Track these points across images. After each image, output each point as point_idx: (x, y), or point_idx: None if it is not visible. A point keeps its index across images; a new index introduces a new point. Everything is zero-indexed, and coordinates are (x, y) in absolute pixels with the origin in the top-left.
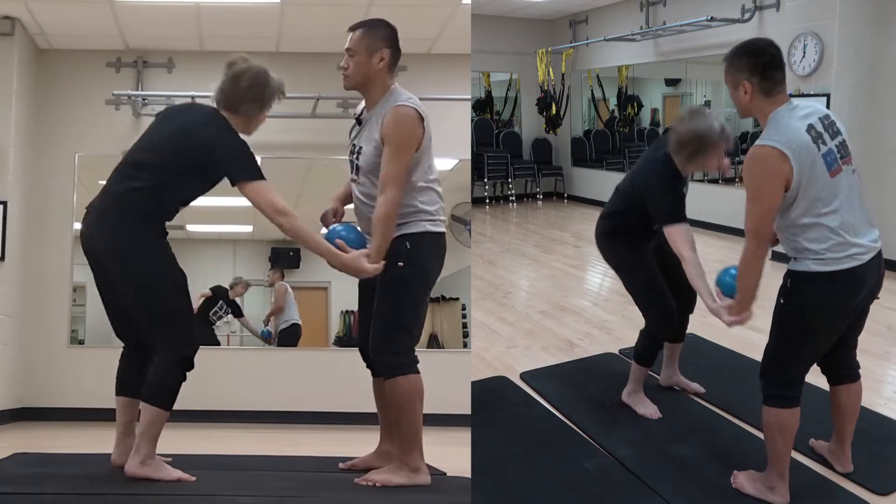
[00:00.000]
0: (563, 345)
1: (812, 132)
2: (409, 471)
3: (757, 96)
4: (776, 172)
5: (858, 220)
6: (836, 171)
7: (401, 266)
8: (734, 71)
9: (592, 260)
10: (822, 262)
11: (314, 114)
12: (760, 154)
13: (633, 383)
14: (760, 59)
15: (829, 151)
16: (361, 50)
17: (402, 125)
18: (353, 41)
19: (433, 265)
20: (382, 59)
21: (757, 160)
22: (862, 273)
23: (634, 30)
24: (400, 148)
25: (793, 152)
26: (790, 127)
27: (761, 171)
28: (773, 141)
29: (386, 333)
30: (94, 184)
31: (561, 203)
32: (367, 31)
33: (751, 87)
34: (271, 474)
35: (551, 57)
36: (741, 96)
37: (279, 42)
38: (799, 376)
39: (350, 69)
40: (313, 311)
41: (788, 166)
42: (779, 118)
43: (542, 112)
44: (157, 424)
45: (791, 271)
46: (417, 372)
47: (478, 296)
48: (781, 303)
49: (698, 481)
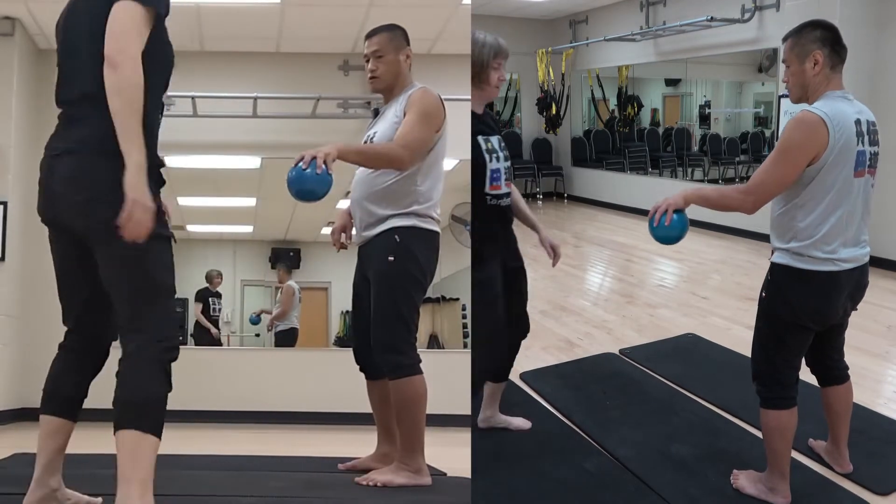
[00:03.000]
0: (563, 345)
1: (858, 127)
2: (410, 472)
3: (825, 69)
4: (808, 142)
5: (857, 231)
6: (860, 173)
7: (391, 260)
8: (804, 42)
9: (592, 260)
10: (801, 260)
11: (314, 114)
12: (802, 118)
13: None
14: (832, 33)
15: (863, 153)
16: (390, 50)
17: (430, 98)
18: (380, 43)
19: (425, 260)
20: (408, 56)
21: (796, 123)
22: (838, 279)
23: (634, 30)
24: (424, 113)
25: (834, 127)
26: (842, 109)
27: (797, 135)
28: (820, 110)
29: (388, 330)
30: None
31: (561, 203)
32: (392, 33)
33: (822, 58)
34: (271, 474)
35: (551, 57)
36: (808, 69)
37: (279, 42)
38: (792, 375)
39: (380, 70)
40: (313, 311)
41: (825, 136)
42: (834, 98)
43: (542, 112)
44: (149, 458)
45: (773, 264)
46: (421, 373)
47: None
48: (763, 296)
49: (698, 481)
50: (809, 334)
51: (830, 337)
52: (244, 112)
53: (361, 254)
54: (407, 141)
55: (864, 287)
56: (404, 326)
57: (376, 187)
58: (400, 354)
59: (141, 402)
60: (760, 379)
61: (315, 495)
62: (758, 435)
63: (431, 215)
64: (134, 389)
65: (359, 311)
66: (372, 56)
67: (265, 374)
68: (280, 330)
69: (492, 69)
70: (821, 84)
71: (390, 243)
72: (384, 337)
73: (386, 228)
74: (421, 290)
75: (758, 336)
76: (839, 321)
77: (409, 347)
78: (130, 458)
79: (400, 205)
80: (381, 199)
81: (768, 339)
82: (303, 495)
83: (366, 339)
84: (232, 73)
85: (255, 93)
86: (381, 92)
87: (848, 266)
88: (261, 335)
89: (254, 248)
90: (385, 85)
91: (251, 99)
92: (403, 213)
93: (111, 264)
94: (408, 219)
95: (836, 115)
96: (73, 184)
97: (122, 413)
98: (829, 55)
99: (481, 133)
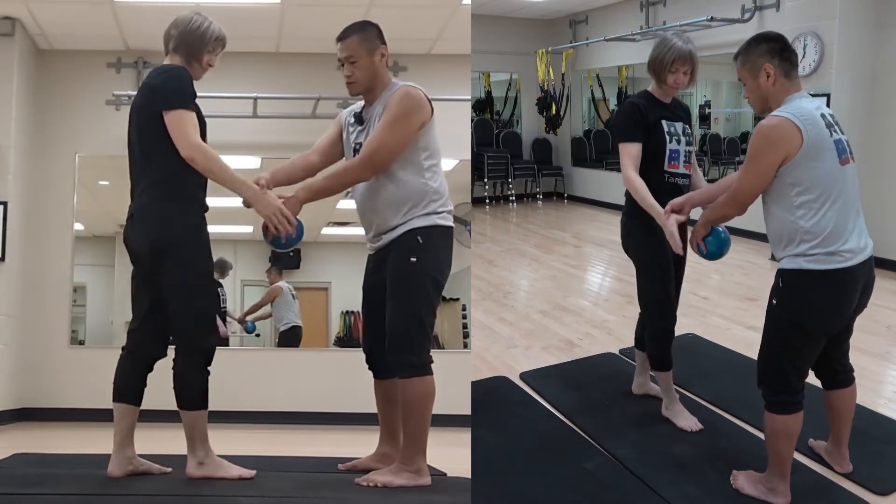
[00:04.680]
0: (563, 345)
1: (825, 119)
2: (411, 472)
3: (779, 79)
4: (777, 144)
5: (856, 219)
6: (844, 160)
7: (413, 261)
8: (754, 57)
9: (592, 260)
10: (814, 260)
11: (314, 114)
12: (768, 124)
13: (666, 395)
14: (777, 43)
15: (840, 141)
16: (363, 53)
17: (409, 98)
18: (351, 48)
19: (445, 260)
20: (383, 55)
21: (762, 130)
22: (854, 273)
23: (634, 30)
24: (396, 118)
25: (804, 124)
26: (805, 107)
27: (762, 141)
28: (785, 113)
29: (404, 329)
30: (94, 184)
31: (561, 203)
32: (362, 35)
33: (773, 70)
34: (271, 474)
35: (551, 57)
36: (763, 82)
37: (279, 42)
38: (800, 380)
39: (355, 75)
40: (313, 312)
41: (797, 136)
42: (794, 99)
43: (542, 112)
44: (201, 424)
45: (782, 270)
46: (431, 373)
47: (478, 296)
48: (774, 303)
49: (698, 481)
50: (822, 340)
51: (837, 341)
52: (244, 112)
53: (378, 257)
54: (370, 151)
55: (872, 282)
56: (421, 327)
57: (389, 195)
58: (413, 354)
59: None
60: (768, 384)
61: (315, 495)
62: (758, 435)
63: (447, 210)
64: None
65: (372, 314)
66: (346, 61)
67: (265, 374)
68: (282, 330)
69: (669, 72)
70: (780, 93)
71: (413, 244)
72: (401, 337)
73: (408, 230)
74: (439, 291)
75: (767, 342)
76: (848, 323)
77: (423, 348)
78: (190, 426)
79: (418, 206)
80: (398, 204)
81: (779, 346)
82: (303, 495)
83: (379, 341)
84: (232, 74)
85: (255, 93)
86: (361, 94)
87: (857, 259)
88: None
89: (254, 248)
90: (363, 88)
91: (251, 99)
92: (422, 214)
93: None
94: (427, 218)
95: (801, 112)
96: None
97: (180, 400)
98: (780, 64)
99: (665, 118)
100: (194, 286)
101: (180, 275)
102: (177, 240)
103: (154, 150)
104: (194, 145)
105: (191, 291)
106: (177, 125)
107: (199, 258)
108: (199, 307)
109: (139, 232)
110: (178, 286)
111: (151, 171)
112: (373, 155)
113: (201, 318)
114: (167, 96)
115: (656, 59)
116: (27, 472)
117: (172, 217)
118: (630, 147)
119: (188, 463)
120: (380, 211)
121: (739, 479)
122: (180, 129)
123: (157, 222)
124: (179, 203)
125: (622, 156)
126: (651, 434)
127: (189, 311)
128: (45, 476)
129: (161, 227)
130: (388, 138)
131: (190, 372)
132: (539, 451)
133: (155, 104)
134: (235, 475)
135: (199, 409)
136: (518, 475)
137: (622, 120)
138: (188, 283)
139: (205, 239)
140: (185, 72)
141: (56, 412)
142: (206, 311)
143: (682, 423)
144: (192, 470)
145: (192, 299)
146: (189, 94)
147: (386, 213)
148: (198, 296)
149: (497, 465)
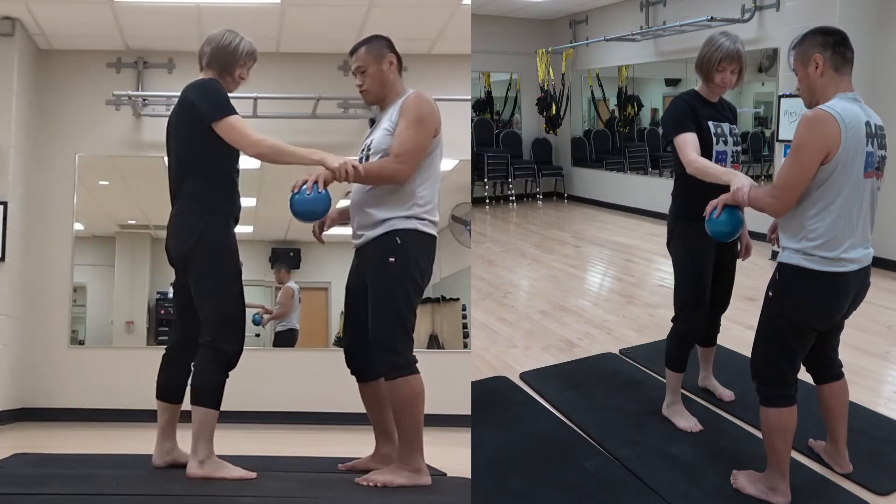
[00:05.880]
0: (563, 345)
1: (868, 128)
2: (410, 472)
3: (828, 71)
4: (820, 136)
5: (864, 232)
6: (869, 174)
7: (392, 262)
8: (806, 48)
9: (592, 260)
10: (811, 260)
11: (314, 114)
12: (812, 116)
13: (670, 394)
14: (832, 37)
15: (872, 154)
16: (371, 63)
17: (425, 103)
18: (360, 59)
19: (424, 262)
20: (391, 62)
21: (806, 122)
22: (847, 280)
23: (634, 30)
24: (417, 119)
25: (846, 125)
26: (852, 109)
27: (805, 130)
28: (831, 108)
29: (384, 328)
30: (95, 184)
31: (561, 203)
32: (369, 45)
33: (822, 61)
34: (271, 474)
35: (551, 57)
36: (811, 72)
37: (279, 42)
38: (793, 373)
39: (366, 83)
40: (313, 311)
41: (837, 133)
42: (844, 99)
43: (542, 112)
44: (209, 424)
45: (780, 264)
46: (418, 372)
47: (478, 296)
48: (770, 295)
49: (698, 481)
50: (814, 335)
51: (828, 336)
52: (244, 112)
53: (359, 255)
54: (401, 152)
55: (866, 287)
56: (402, 327)
57: (376, 190)
58: (397, 355)
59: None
60: (761, 377)
61: (315, 495)
62: (758, 435)
63: (431, 218)
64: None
65: (354, 312)
66: (357, 72)
67: (265, 374)
68: (280, 331)
69: (716, 71)
70: (827, 86)
71: (391, 244)
72: (382, 337)
73: (387, 230)
74: (419, 292)
75: (760, 334)
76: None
77: (406, 348)
78: (198, 423)
79: (400, 207)
80: (381, 202)
81: (771, 339)
82: (303, 495)
83: (360, 340)
84: None
85: (255, 93)
86: (375, 103)
87: (855, 267)
88: (260, 335)
89: (254, 248)
90: (374, 96)
91: (251, 99)
92: (404, 216)
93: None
94: (408, 221)
95: (846, 114)
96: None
97: (193, 394)
98: (831, 58)
99: (712, 119)
100: (221, 293)
101: (208, 283)
102: (204, 250)
103: (189, 166)
104: (255, 143)
105: (218, 298)
106: (231, 132)
107: (226, 267)
108: (226, 313)
109: (171, 242)
110: (206, 293)
111: (186, 184)
112: (405, 152)
113: (227, 324)
114: (210, 109)
115: (704, 58)
116: (27, 472)
117: (200, 229)
118: (686, 136)
119: (189, 462)
120: (363, 208)
121: (739, 478)
122: (237, 134)
123: (186, 234)
124: (209, 216)
125: (681, 146)
126: (651, 434)
127: (216, 316)
128: (45, 476)
129: (189, 239)
130: (413, 136)
131: (209, 369)
132: (539, 450)
133: (196, 119)
134: (236, 476)
135: (210, 409)
136: (518, 475)
137: (673, 113)
138: (215, 291)
139: (231, 248)
140: (218, 83)
141: (56, 412)
142: (233, 317)
143: (682, 424)
144: (192, 469)
145: (219, 306)
146: (229, 101)
147: (368, 209)
148: (225, 302)
149: (497, 465)
